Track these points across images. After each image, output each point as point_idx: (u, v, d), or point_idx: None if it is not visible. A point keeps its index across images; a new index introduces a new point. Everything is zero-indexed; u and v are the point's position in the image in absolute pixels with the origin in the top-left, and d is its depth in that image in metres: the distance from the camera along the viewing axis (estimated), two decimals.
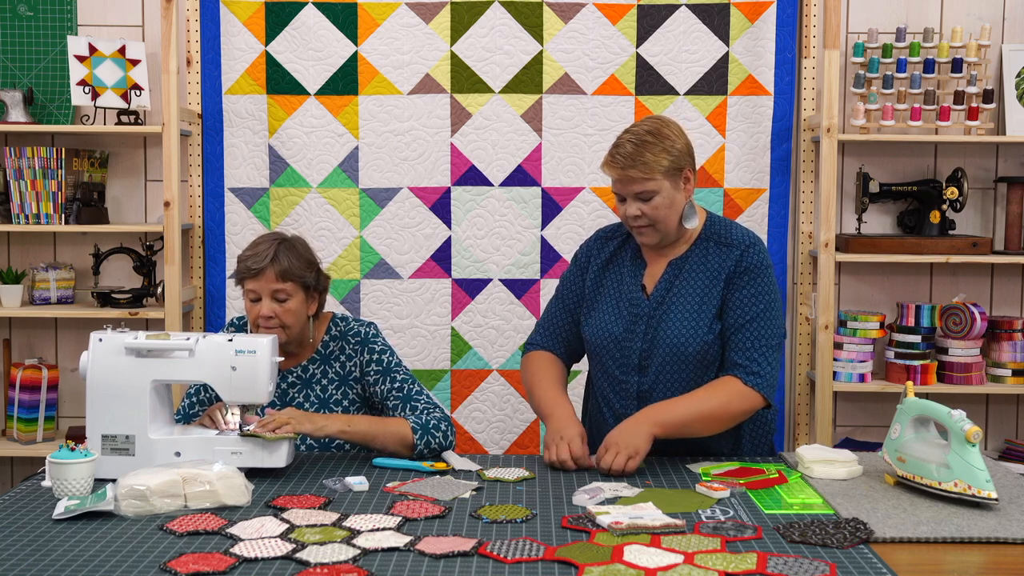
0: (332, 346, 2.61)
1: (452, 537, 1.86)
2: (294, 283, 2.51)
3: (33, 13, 3.75)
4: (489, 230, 3.73)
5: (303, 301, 2.54)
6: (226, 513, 2.01)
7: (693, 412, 2.38)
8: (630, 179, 2.40)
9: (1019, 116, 3.73)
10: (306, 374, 2.61)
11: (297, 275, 2.51)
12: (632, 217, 2.44)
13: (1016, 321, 3.69)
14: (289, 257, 2.51)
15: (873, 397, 3.86)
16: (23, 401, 3.65)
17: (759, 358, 2.42)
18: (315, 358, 2.61)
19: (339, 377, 2.60)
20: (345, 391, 2.59)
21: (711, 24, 3.69)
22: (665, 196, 2.41)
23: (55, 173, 3.58)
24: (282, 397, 2.60)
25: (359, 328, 2.62)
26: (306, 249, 2.59)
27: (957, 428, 2.05)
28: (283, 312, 2.50)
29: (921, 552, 1.84)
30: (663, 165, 2.39)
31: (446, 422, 2.50)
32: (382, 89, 3.70)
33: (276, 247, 2.51)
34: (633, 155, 2.39)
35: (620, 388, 2.51)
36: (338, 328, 2.63)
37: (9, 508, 2.05)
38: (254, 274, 2.49)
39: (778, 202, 3.74)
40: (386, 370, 2.57)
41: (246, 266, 2.51)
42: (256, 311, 2.51)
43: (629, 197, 2.43)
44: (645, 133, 2.41)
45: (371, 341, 2.60)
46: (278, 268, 2.49)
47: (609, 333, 2.50)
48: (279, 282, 2.49)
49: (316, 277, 2.57)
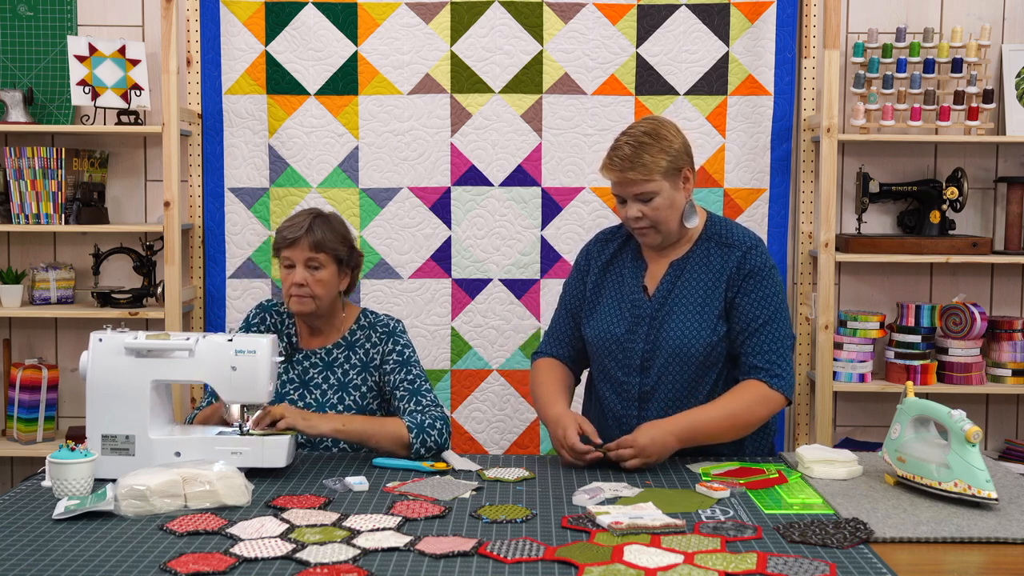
0: (359, 334, 2.68)
1: (452, 537, 1.86)
2: (327, 254, 2.62)
3: (33, 13, 3.75)
4: (489, 230, 3.73)
5: (335, 274, 2.64)
6: (226, 513, 2.01)
7: (724, 423, 2.40)
8: (629, 181, 2.40)
9: (1019, 116, 3.73)
10: (329, 357, 2.67)
11: (330, 247, 2.62)
12: (633, 219, 2.44)
13: (1016, 321, 3.69)
14: (324, 230, 2.63)
15: (873, 397, 3.86)
16: (23, 401, 3.65)
17: (779, 360, 2.44)
18: (340, 343, 2.68)
19: (361, 364, 2.65)
20: (365, 377, 2.65)
21: (711, 24, 3.69)
22: (665, 196, 2.41)
23: (55, 173, 3.58)
24: (302, 377, 2.65)
25: (388, 321, 2.71)
26: (341, 225, 2.71)
27: (957, 428, 2.05)
28: (315, 282, 2.60)
29: (921, 552, 1.84)
30: (662, 166, 2.39)
31: (442, 421, 2.52)
32: (382, 89, 3.70)
33: (312, 219, 2.63)
34: (631, 157, 2.39)
35: (621, 389, 2.51)
36: (367, 319, 2.71)
37: (9, 508, 2.05)
38: (289, 243, 2.61)
39: (778, 202, 3.74)
40: (404, 362, 2.64)
41: (283, 235, 2.63)
42: (290, 279, 2.61)
43: (629, 199, 2.43)
44: (642, 135, 2.42)
45: (397, 334, 2.68)
46: (312, 239, 2.60)
47: (611, 334, 2.50)
48: (313, 252, 2.59)
49: (349, 253, 2.68)
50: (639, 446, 2.31)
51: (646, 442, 2.31)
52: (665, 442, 2.34)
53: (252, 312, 2.76)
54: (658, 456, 2.33)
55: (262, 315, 2.74)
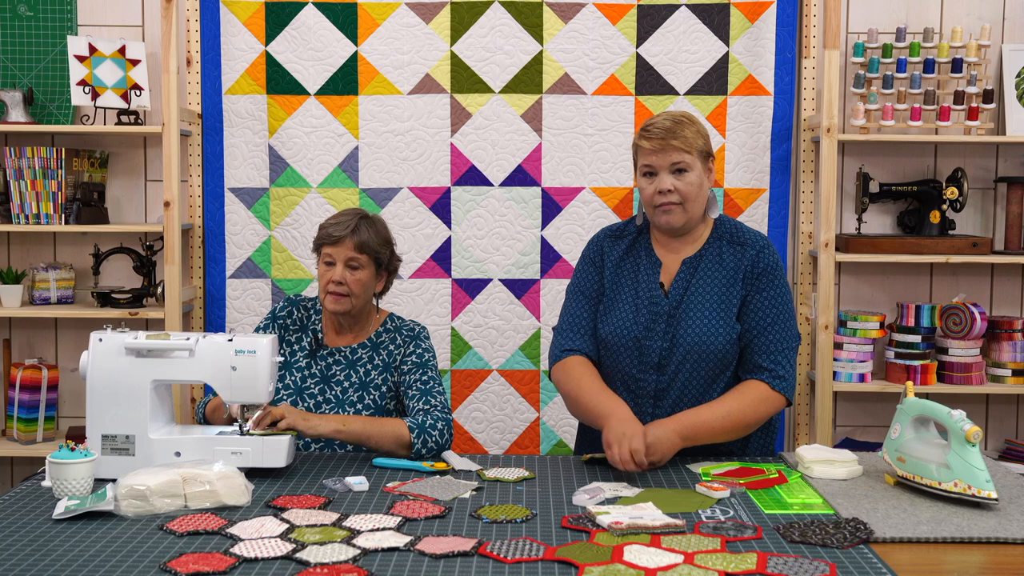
0: (384, 337, 2.71)
1: (452, 537, 1.86)
2: (368, 256, 2.65)
3: (33, 13, 3.75)
4: (489, 230, 3.73)
5: (372, 276, 2.68)
6: (226, 513, 2.01)
7: (726, 423, 2.40)
8: (671, 148, 2.41)
9: (1019, 116, 3.73)
10: (353, 356, 2.69)
11: (373, 249, 2.66)
12: (663, 192, 2.43)
13: (1016, 321, 3.69)
14: (369, 232, 2.66)
15: (873, 397, 3.86)
16: (23, 401, 3.65)
17: (783, 361, 2.45)
18: (366, 344, 2.70)
19: (384, 364, 2.68)
20: (385, 378, 2.67)
21: (711, 24, 3.69)
22: (697, 175, 2.45)
23: (55, 173, 3.58)
24: (324, 372, 2.67)
25: (414, 326, 2.74)
26: (385, 229, 2.74)
27: (957, 428, 2.05)
28: (353, 281, 2.63)
29: (921, 552, 1.84)
30: (699, 144, 2.45)
31: (445, 423, 2.53)
32: (382, 89, 3.70)
33: (359, 220, 2.67)
34: (672, 129, 2.43)
35: (636, 386, 2.50)
36: (394, 323, 2.74)
37: (9, 508, 2.05)
38: (334, 241, 2.64)
39: (778, 202, 3.74)
40: (422, 364, 2.67)
41: (328, 232, 2.66)
42: (328, 276, 2.64)
43: (663, 171, 2.43)
44: (679, 115, 2.47)
45: (420, 339, 2.71)
46: (357, 239, 2.64)
47: (629, 332, 2.49)
48: (356, 252, 2.63)
49: (390, 257, 2.72)
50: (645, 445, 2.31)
51: (651, 441, 2.31)
52: (670, 440, 2.33)
53: (280, 304, 2.78)
54: (663, 455, 2.33)
55: (290, 308, 2.76)
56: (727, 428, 2.41)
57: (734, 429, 2.43)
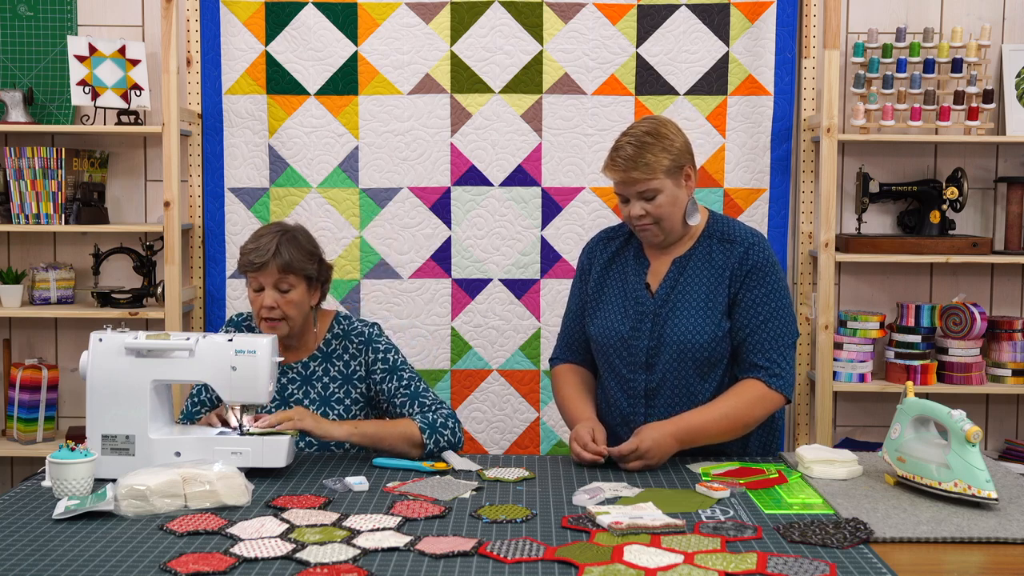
0: (335, 344, 2.63)
1: (452, 537, 1.86)
2: (296, 275, 2.53)
3: (33, 13, 3.75)
4: (489, 230, 3.73)
5: (305, 292, 2.57)
6: (226, 513, 2.01)
7: (723, 424, 2.41)
8: (633, 180, 2.41)
9: (1019, 116, 3.73)
10: (306, 371, 2.62)
11: (299, 267, 2.53)
12: (636, 217, 2.45)
13: (1016, 321, 3.69)
14: (291, 250, 2.53)
15: (873, 397, 3.86)
16: (23, 401, 3.65)
17: (779, 359, 2.45)
18: (316, 355, 2.63)
19: (342, 376, 2.61)
20: (348, 390, 2.60)
21: (711, 24, 3.69)
22: (668, 194, 2.43)
23: (55, 173, 3.58)
24: (281, 393, 2.61)
25: (362, 328, 2.64)
26: (308, 240, 2.61)
27: (957, 428, 2.05)
28: (285, 303, 2.53)
29: (921, 552, 1.84)
30: (664, 165, 2.40)
31: (453, 419, 2.52)
32: (382, 89, 3.70)
33: (278, 239, 2.53)
34: (634, 157, 2.40)
35: (627, 386, 2.51)
36: (341, 327, 2.64)
37: (9, 508, 2.05)
38: (256, 268, 2.51)
39: (778, 202, 3.74)
40: (392, 368, 2.59)
41: (248, 260, 2.53)
42: (259, 301, 2.53)
43: (632, 198, 2.44)
44: (644, 134, 2.43)
45: (375, 340, 2.62)
46: (280, 262, 2.51)
47: (615, 332, 2.51)
48: (281, 274, 2.51)
49: (318, 268, 2.60)
50: (641, 447, 2.32)
51: (648, 445, 2.32)
52: (666, 444, 2.34)
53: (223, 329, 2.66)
54: (659, 459, 2.34)
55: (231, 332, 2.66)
56: (724, 429, 2.41)
57: (732, 430, 2.43)
